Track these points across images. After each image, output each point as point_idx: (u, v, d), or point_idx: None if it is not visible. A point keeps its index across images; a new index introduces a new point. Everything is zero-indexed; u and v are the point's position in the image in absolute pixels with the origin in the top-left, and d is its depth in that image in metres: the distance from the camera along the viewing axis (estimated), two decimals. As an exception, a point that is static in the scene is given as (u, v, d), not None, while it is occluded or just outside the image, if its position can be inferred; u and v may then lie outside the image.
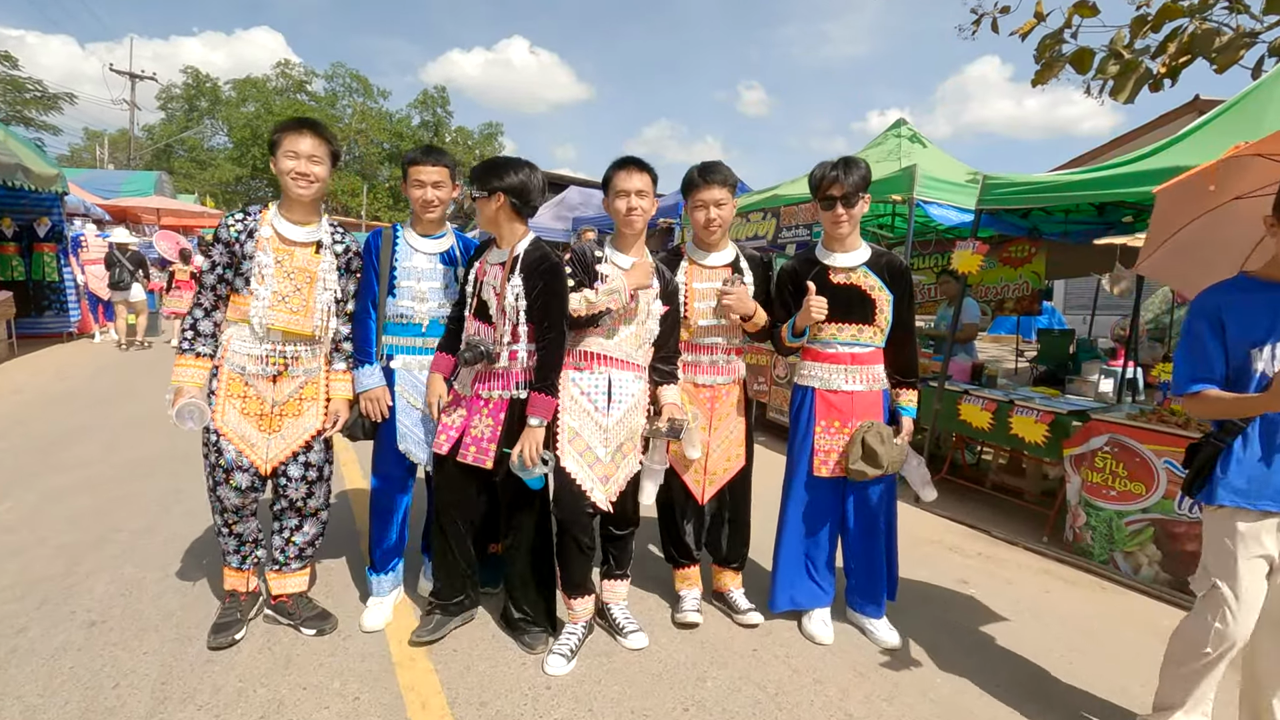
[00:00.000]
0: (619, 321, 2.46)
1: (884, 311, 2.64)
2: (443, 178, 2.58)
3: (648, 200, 2.50)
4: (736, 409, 2.78)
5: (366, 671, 2.34)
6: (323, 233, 2.52)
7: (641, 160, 2.52)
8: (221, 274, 2.41)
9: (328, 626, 2.57)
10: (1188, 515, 3.32)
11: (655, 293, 2.51)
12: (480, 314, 2.44)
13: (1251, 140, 3.58)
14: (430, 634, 2.50)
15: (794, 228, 6.10)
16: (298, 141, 2.35)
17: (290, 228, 2.44)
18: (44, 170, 9.00)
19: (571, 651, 2.45)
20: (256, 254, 2.38)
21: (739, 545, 2.90)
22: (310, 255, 2.47)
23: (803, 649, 2.65)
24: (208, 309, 2.41)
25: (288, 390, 2.48)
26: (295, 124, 2.41)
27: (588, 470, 2.42)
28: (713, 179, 2.60)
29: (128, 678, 2.25)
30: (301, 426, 2.51)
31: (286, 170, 2.35)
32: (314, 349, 2.53)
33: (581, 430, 2.44)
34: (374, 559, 2.71)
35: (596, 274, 2.46)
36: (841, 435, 2.66)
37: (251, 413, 2.44)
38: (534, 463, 2.30)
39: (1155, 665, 2.67)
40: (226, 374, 2.42)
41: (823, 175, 2.57)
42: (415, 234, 2.65)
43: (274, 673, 2.31)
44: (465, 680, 2.32)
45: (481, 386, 2.44)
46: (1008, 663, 2.64)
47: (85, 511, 3.65)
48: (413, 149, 2.65)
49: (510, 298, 2.34)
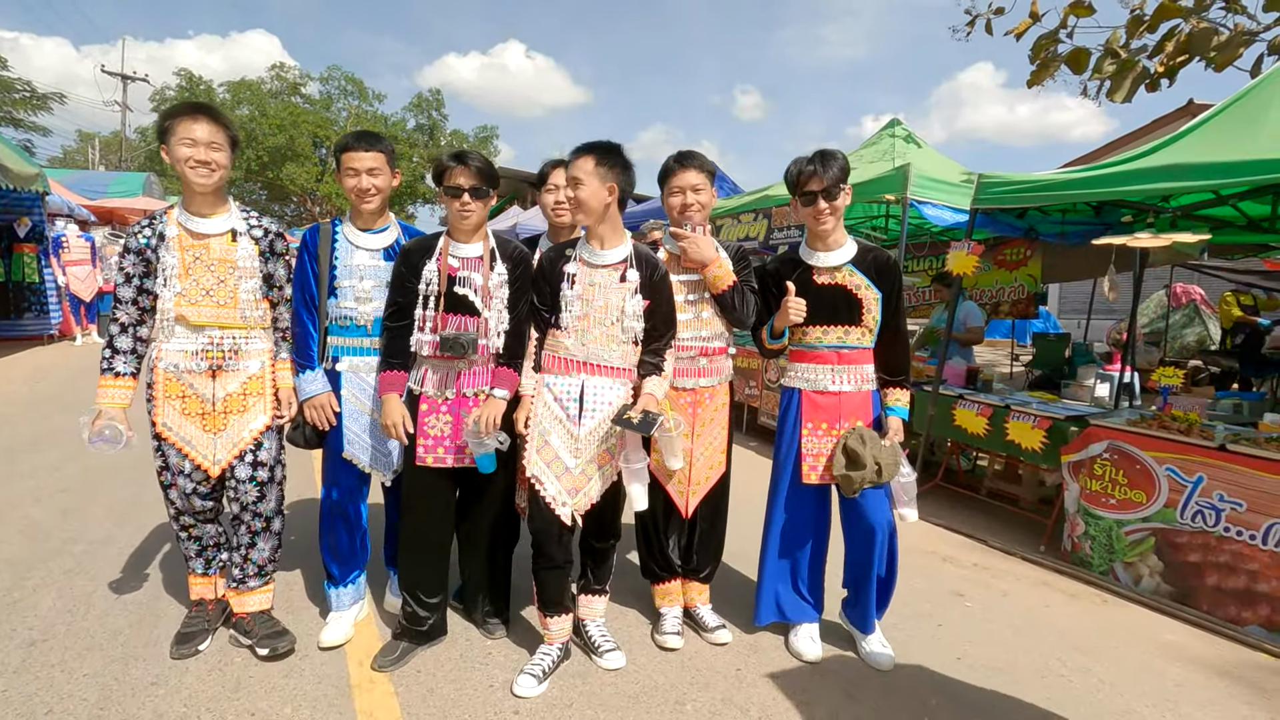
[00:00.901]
0: (590, 323, 2.31)
1: (871, 311, 2.50)
2: (379, 164, 2.40)
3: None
4: (720, 412, 2.62)
5: (321, 696, 2.19)
6: (235, 220, 2.37)
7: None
8: (140, 284, 2.28)
9: (281, 645, 2.40)
10: (1190, 525, 3.19)
11: (632, 287, 2.32)
12: (457, 308, 2.31)
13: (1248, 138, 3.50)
14: (395, 662, 2.36)
15: (785, 229, 5.99)
16: (192, 128, 2.19)
17: (197, 221, 2.30)
18: (24, 169, 8.82)
19: (544, 673, 2.31)
20: (164, 256, 2.25)
21: (709, 557, 2.74)
22: (227, 244, 2.33)
23: (790, 669, 2.50)
24: (125, 324, 2.28)
25: (230, 386, 2.34)
26: (188, 109, 2.25)
27: (555, 482, 2.28)
28: (689, 163, 2.48)
29: (63, 702, 2.09)
30: (247, 424, 2.37)
31: (184, 159, 2.20)
32: (250, 339, 2.38)
33: (551, 438, 2.30)
34: (331, 572, 2.56)
35: (562, 275, 2.34)
36: (830, 438, 2.52)
37: (193, 412, 2.31)
38: (489, 431, 2.22)
39: (1160, 684, 2.56)
40: (162, 375, 2.29)
41: (799, 170, 2.44)
42: (355, 229, 2.48)
43: (221, 697, 2.15)
44: (427, 705, 2.17)
45: (467, 385, 2.34)
46: (1007, 684, 2.50)
47: (37, 522, 3.49)
48: (345, 134, 2.47)
49: (495, 283, 2.32)
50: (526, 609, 2.77)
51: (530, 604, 2.63)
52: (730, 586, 3.04)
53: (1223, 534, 3.10)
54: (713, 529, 2.70)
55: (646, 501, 2.34)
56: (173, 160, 2.23)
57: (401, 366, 2.36)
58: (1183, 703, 2.46)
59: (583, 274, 2.33)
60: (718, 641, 2.64)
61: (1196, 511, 3.20)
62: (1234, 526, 3.07)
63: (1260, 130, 3.52)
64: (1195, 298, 11.19)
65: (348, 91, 41.49)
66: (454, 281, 2.31)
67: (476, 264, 2.34)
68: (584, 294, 2.31)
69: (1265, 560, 2.97)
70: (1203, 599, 3.14)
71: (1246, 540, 3.02)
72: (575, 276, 2.32)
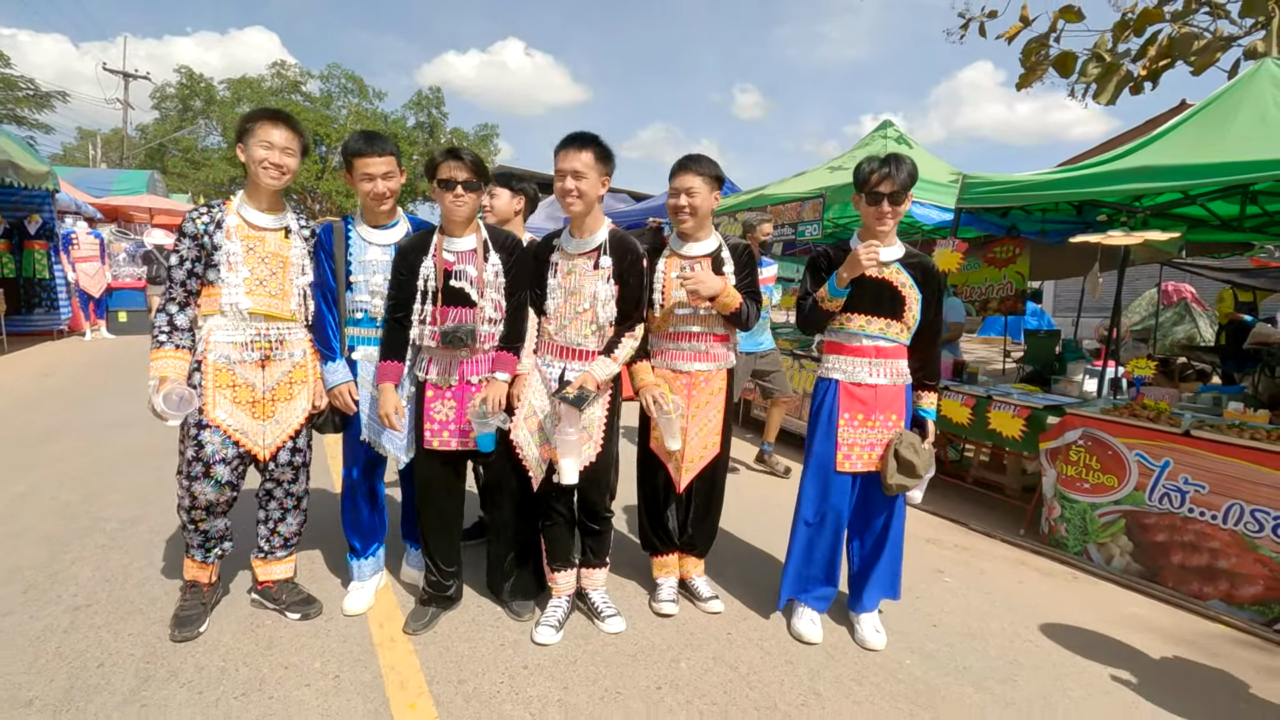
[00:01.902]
0: (568, 309, 2.50)
1: (912, 310, 2.63)
2: (391, 167, 2.53)
3: (587, 182, 2.43)
4: (716, 396, 2.79)
5: (347, 653, 2.40)
6: (289, 219, 2.54)
7: (587, 136, 2.46)
8: (191, 268, 2.39)
9: (312, 611, 2.62)
10: (1157, 506, 3.39)
11: (605, 274, 2.47)
12: (454, 301, 2.47)
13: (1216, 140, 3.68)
14: (425, 625, 2.57)
15: (780, 226, 6.17)
16: (272, 132, 2.37)
17: (257, 215, 2.45)
18: (35, 167, 8.99)
19: (559, 623, 2.56)
20: (224, 243, 2.37)
21: (705, 534, 2.93)
22: (280, 240, 2.49)
23: (775, 633, 2.71)
24: (181, 304, 2.39)
25: (277, 374, 2.50)
26: (269, 114, 2.41)
27: (535, 450, 2.53)
28: (687, 167, 2.63)
29: (112, 658, 2.29)
30: (294, 410, 2.54)
31: (260, 159, 2.35)
32: (296, 332, 2.56)
33: (539, 410, 2.55)
34: (353, 545, 2.76)
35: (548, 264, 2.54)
36: (865, 429, 2.64)
37: (243, 400, 2.44)
38: (495, 411, 2.41)
39: (1120, 650, 2.76)
40: (212, 366, 2.40)
41: (873, 171, 2.52)
42: (367, 226, 2.63)
43: (256, 654, 2.36)
44: (444, 660, 2.38)
45: (470, 372, 2.51)
46: (977, 647, 2.71)
47: (70, 503, 3.68)
48: (351, 137, 2.54)
49: (490, 275, 2.46)
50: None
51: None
52: (722, 562, 3.24)
53: (1187, 515, 3.30)
54: (708, 507, 2.89)
55: (575, 476, 2.44)
56: (248, 159, 2.37)
57: (398, 358, 2.51)
58: (1138, 664, 2.66)
59: (563, 263, 2.52)
60: (711, 610, 2.83)
61: (1164, 494, 3.40)
62: (1198, 507, 3.27)
63: (1228, 133, 3.71)
64: (1186, 296, 11.39)
65: (348, 89, 41.59)
66: (450, 275, 2.47)
67: (470, 257, 2.48)
68: (564, 282, 2.50)
69: (1225, 539, 3.17)
70: (1169, 576, 3.35)
71: (1209, 520, 3.22)
72: (557, 266, 2.52)
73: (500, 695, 2.20)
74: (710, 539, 2.96)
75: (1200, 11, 6.58)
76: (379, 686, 2.21)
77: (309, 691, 2.17)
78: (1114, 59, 6.46)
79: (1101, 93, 6.37)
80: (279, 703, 2.11)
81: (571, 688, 2.26)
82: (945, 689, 2.39)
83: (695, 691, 2.28)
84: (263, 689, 2.16)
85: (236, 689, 2.16)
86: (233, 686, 2.17)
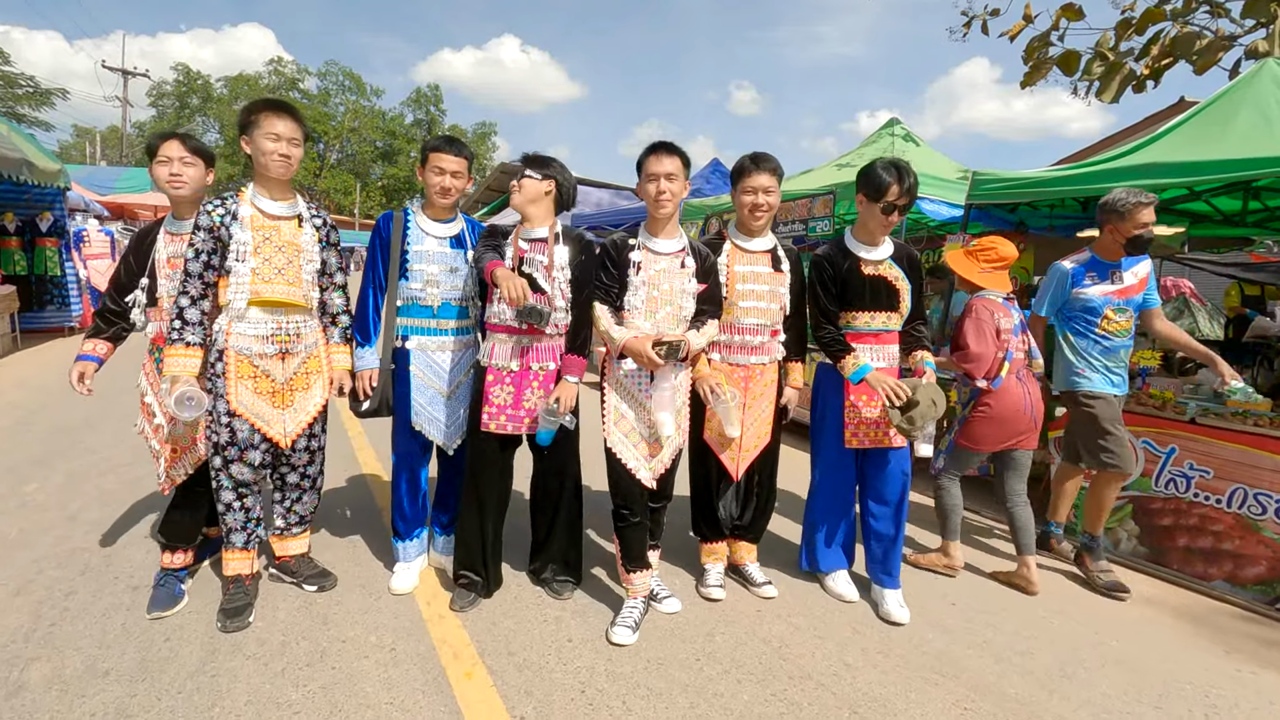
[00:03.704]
0: (658, 304, 2.59)
1: (904, 300, 2.87)
2: (461, 168, 2.70)
3: (678, 184, 2.58)
4: (769, 388, 2.90)
5: (400, 627, 2.52)
6: (301, 207, 2.59)
7: (673, 144, 2.59)
8: (208, 260, 2.42)
9: (328, 583, 2.77)
10: (1164, 492, 3.52)
11: (690, 272, 2.62)
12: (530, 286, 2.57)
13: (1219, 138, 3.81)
14: (470, 604, 2.68)
15: (790, 223, 6.29)
16: (277, 123, 2.41)
17: (271, 204, 2.50)
18: (47, 165, 9.07)
19: (635, 624, 2.56)
20: (238, 233, 2.42)
21: (759, 519, 3.06)
22: (294, 229, 2.54)
23: (804, 610, 2.83)
24: (195, 297, 2.41)
25: (294, 365, 2.57)
26: (272, 105, 2.45)
27: (633, 450, 2.59)
28: (763, 166, 2.73)
29: (177, 633, 2.41)
30: (311, 399, 2.63)
31: (268, 151, 2.41)
32: (310, 322, 2.61)
33: (626, 412, 2.61)
34: (398, 529, 2.88)
35: (628, 263, 2.60)
36: (870, 409, 2.85)
37: (264, 390, 2.51)
38: (566, 411, 2.55)
39: (1129, 624, 2.89)
40: (234, 357, 2.45)
41: (893, 183, 2.68)
42: (427, 218, 2.76)
43: (314, 629, 2.48)
44: (493, 634, 2.50)
45: (532, 359, 2.61)
46: (993, 621, 2.84)
47: (111, 490, 3.80)
48: (435, 137, 2.77)
49: (557, 263, 2.55)
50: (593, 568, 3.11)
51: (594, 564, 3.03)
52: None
53: (1192, 499, 3.43)
54: (765, 491, 3.03)
55: (673, 428, 2.57)
56: (254, 150, 2.43)
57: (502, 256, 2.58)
58: (1147, 636, 2.80)
59: (648, 262, 2.60)
60: (765, 595, 2.93)
61: (1170, 479, 3.53)
62: (1202, 492, 3.40)
63: (1231, 130, 3.84)
64: (1185, 290, 11.55)
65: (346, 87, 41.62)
66: (522, 262, 2.58)
67: (542, 246, 2.59)
68: (651, 279, 2.58)
69: (1229, 522, 3.30)
70: (1174, 559, 3.48)
71: (1213, 504, 3.36)
72: (640, 264, 2.59)
73: (549, 665, 2.33)
74: (765, 522, 3.10)
75: (1200, 10, 6.71)
76: (433, 658, 2.33)
77: (368, 663, 2.29)
78: (1117, 58, 6.58)
79: (1105, 90, 6.50)
80: (341, 673, 2.23)
81: (615, 659, 2.39)
82: (967, 660, 2.52)
83: (732, 663, 2.41)
84: (324, 660, 2.29)
85: (300, 660, 2.28)
86: (296, 658, 2.29)
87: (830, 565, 3.02)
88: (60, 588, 2.70)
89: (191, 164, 2.61)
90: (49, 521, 3.35)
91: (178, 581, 2.66)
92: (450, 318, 2.77)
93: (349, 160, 40.90)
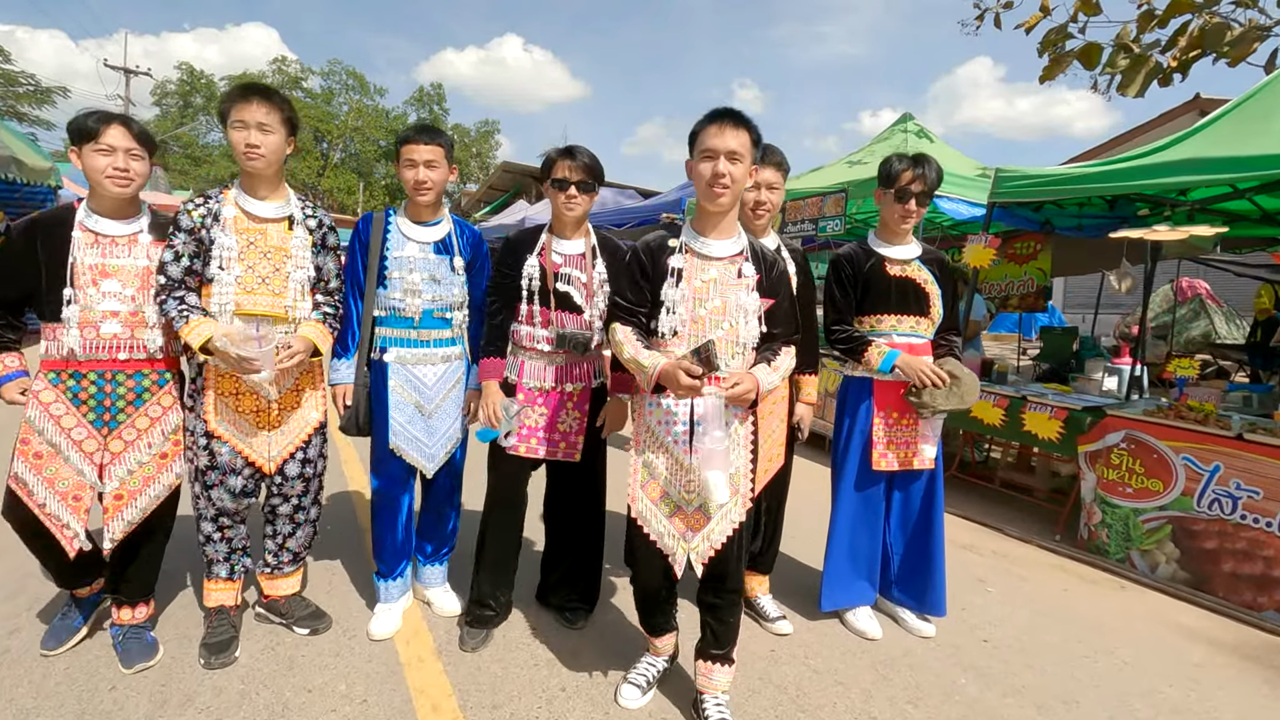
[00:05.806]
0: (706, 326, 1.94)
1: (935, 305, 2.62)
2: (436, 157, 2.39)
3: (742, 167, 1.89)
4: (779, 405, 2.63)
5: (373, 673, 2.26)
6: (293, 207, 2.33)
7: (741, 114, 1.89)
8: (189, 265, 2.16)
9: (321, 626, 2.49)
10: (1207, 513, 3.26)
11: (749, 282, 1.98)
12: (560, 304, 2.36)
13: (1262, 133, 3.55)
14: (483, 642, 2.46)
15: (799, 222, 6.03)
16: (244, 110, 2.12)
17: (257, 205, 2.23)
18: (37, 163, 8.87)
19: (649, 683, 2.20)
20: (220, 237, 2.16)
21: (770, 547, 2.81)
22: (283, 232, 2.27)
23: (823, 651, 2.57)
24: (185, 294, 2.15)
25: (284, 382, 2.33)
26: (239, 90, 2.18)
27: (665, 522, 1.96)
28: (767, 160, 2.49)
29: (125, 680, 2.16)
30: (303, 419, 2.39)
31: (235, 143, 2.14)
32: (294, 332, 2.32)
33: (657, 471, 1.97)
34: (380, 567, 2.61)
35: (666, 271, 1.97)
36: (899, 427, 2.62)
37: (247, 409, 2.28)
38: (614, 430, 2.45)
39: (1181, 665, 2.63)
40: (214, 372, 2.23)
41: (905, 169, 2.50)
42: (409, 220, 2.49)
43: (277, 675, 2.22)
44: (477, 682, 2.25)
45: (568, 381, 2.39)
46: (1033, 664, 2.58)
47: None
48: (405, 129, 2.46)
49: (598, 282, 2.37)
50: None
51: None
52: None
53: (1239, 521, 3.16)
54: (773, 518, 2.78)
55: (726, 493, 1.88)
56: (230, 145, 2.17)
57: (499, 353, 2.39)
58: (1204, 682, 2.53)
59: (693, 269, 1.97)
60: (779, 632, 2.67)
61: (1214, 500, 3.27)
62: (1251, 514, 3.13)
63: (1274, 125, 3.58)
64: (1201, 292, 11.25)
65: (349, 86, 41.48)
66: (557, 278, 2.34)
67: (579, 261, 2.37)
68: (696, 292, 1.95)
69: (1281, 546, 3.04)
70: (1219, 585, 3.21)
71: (1263, 527, 3.09)
72: (682, 273, 1.96)
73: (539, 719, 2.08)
74: (774, 550, 2.84)
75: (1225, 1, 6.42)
76: (410, 712, 2.07)
77: (335, 717, 2.03)
78: (1142, 50, 6.29)
79: (1129, 85, 6.20)
80: (304, 730, 1.98)
81: (612, 713, 2.13)
82: (1005, 710, 2.26)
83: (744, 715, 2.15)
84: (285, 715, 2.03)
85: (258, 715, 2.03)
86: (254, 713, 2.04)
87: (853, 600, 2.76)
88: (5, 624, 2.46)
89: (139, 157, 2.16)
90: (6, 543, 3.10)
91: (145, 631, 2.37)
92: (432, 329, 2.50)
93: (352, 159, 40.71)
